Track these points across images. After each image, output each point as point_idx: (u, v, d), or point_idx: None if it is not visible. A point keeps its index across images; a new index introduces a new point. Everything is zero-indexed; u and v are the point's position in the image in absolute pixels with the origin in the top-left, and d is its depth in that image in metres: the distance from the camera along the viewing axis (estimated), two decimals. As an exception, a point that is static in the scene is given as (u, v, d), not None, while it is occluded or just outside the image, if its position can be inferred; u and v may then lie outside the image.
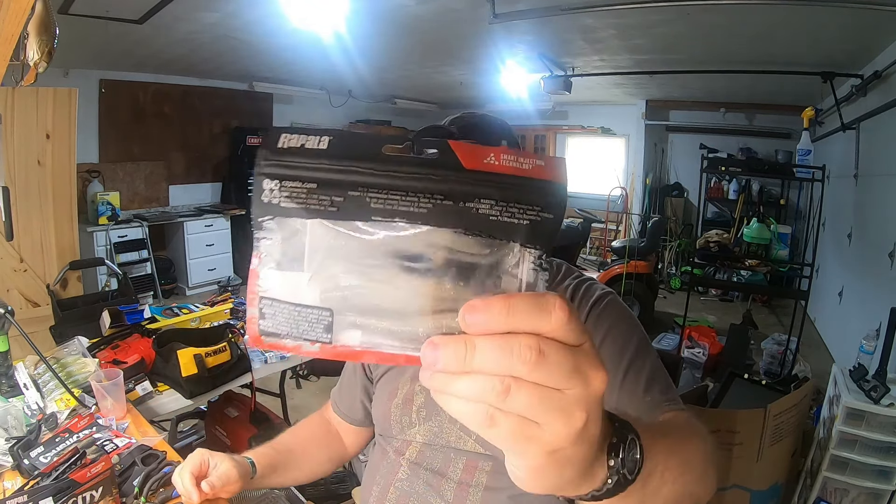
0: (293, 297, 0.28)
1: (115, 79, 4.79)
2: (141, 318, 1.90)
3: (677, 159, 6.54)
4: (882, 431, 1.94)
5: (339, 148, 0.28)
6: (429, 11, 3.02)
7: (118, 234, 4.57)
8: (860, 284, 3.60)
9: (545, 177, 0.28)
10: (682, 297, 4.00)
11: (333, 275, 0.27)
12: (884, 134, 3.27)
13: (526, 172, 0.27)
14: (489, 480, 0.79)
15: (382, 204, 0.27)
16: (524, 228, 0.27)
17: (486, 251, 0.27)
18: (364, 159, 0.27)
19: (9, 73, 1.36)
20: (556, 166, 0.28)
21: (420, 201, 0.27)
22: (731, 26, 3.05)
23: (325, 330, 0.28)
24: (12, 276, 2.70)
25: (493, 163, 0.27)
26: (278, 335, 0.28)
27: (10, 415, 1.17)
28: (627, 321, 0.78)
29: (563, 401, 0.26)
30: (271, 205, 0.27)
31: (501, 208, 0.27)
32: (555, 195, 0.28)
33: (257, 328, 0.28)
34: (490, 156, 0.27)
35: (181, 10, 3.02)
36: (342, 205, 0.27)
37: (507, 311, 0.25)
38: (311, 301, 0.27)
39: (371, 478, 0.91)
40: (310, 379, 3.41)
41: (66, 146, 2.84)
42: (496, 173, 0.27)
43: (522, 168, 0.27)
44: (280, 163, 0.27)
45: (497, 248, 0.27)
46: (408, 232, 0.27)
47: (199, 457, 0.89)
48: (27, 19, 1.15)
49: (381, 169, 0.27)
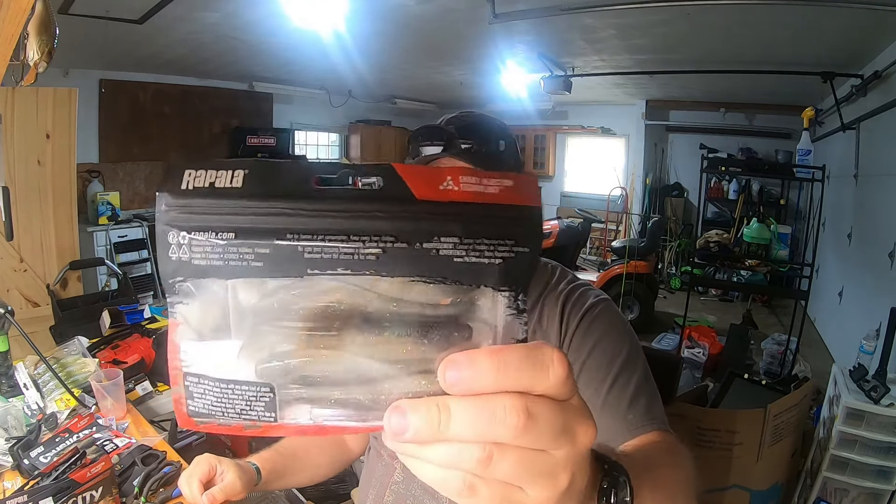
0: (223, 373, 0.23)
1: (115, 79, 4.79)
2: (141, 318, 1.91)
3: (677, 159, 6.54)
4: (882, 431, 1.94)
5: (257, 184, 0.22)
6: (429, 11, 3.02)
7: (118, 234, 4.57)
8: (860, 284, 3.60)
9: (515, 201, 0.23)
10: (682, 297, 4.00)
11: (268, 343, 0.23)
12: (884, 134, 3.27)
13: (492, 198, 0.23)
14: None
15: (319, 253, 0.22)
16: (496, 269, 0.23)
17: (452, 299, 0.23)
18: (291, 197, 0.22)
19: (9, 73, 1.36)
20: (526, 187, 0.24)
21: (365, 246, 0.22)
22: (731, 26, 3.05)
23: (267, 408, 0.23)
24: (12, 276, 2.70)
25: (452, 188, 0.23)
26: (212, 416, 0.24)
27: (10, 415, 1.17)
28: (619, 330, 0.76)
29: (549, 463, 0.24)
30: (182, 262, 0.23)
31: (467, 247, 0.23)
32: (529, 223, 0.24)
33: (186, 410, 0.24)
34: (447, 180, 0.23)
35: (181, 10, 3.02)
36: (269, 257, 0.22)
37: (497, 368, 0.22)
38: (244, 376, 0.23)
39: (367, 480, 0.91)
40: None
41: (66, 146, 2.84)
42: (456, 202, 0.23)
43: (487, 192, 0.23)
44: (186, 208, 0.22)
45: (464, 294, 0.23)
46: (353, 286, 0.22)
47: (207, 463, 0.89)
48: (27, 19, 1.15)
49: (314, 208, 0.22)
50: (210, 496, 0.84)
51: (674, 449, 0.62)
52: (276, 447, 1.02)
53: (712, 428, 1.94)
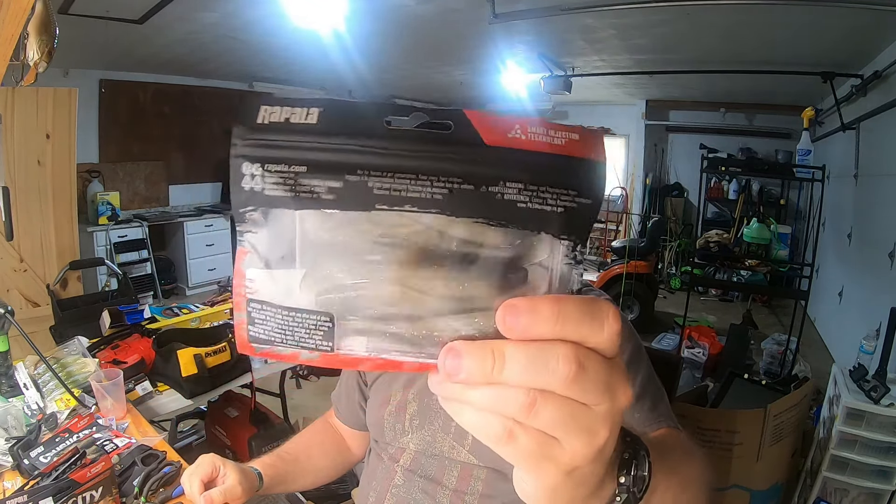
0: (286, 300, 0.24)
1: (115, 79, 4.78)
2: (141, 318, 1.90)
3: (677, 159, 6.54)
4: (882, 431, 1.94)
5: (331, 122, 0.23)
6: (429, 11, 3.02)
7: (118, 234, 4.57)
8: (860, 284, 3.60)
9: (581, 154, 0.24)
10: (682, 297, 4.00)
11: (331, 274, 0.24)
12: (884, 134, 3.27)
13: (558, 149, 0.23)
14: (485, 488, 0.79)
15: (388, 190, 0.23)
16: (558, 217, 0.23)
17: (513, 243, 0.23)
18: (364, 135, 0.23)
19: (9, 73, 1.36)
20: (592, 141, 0.24)
21: (433, 186, 0.23)
22: (731, 26, 3.05)
23: (325, 337, 0.24)
24: (12, 276, 2.70)
25: (520, 137, 0.23)
26: (271, 342, 0.25)
27: (10, 415, 1.17)
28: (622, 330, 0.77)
29: (590, 417, 0.24)
30: (254, 193, 0.23)
31: (531, 193, 0.23)
32: (593, 176, 0.24)
33: (247, 335, 0.25)
34: (515, 128, 0.23)
35: (181, 10, 3.02)
36: (339, 192, 0.23)
37: (556, 316, 0.22)
38: (306, 304, 0.24)
39: (368, 483, 0.91)
40: (310, 379, 3.41)
41: (66, 146, 2.84)
42: (524, 150, 0.23)
43: (554, 143, 0.23)
44: (261, 142, 0.23)
45: (524, 239, 0.24)
46: (418, 223, 0.23)
47: (210, 464, 0.88)
48: (27, 19, 1.15)
49: (386, 147, 0.23)
50: (208, 497, 0.84)
51: (685, 444, 0.62)
52: (279, 452, 1.02)
53: (712, 428, 1.94)
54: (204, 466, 0.88)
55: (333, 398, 1.09)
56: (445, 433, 0.81)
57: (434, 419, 0.83)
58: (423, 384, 0.86)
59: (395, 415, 0.86)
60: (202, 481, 0.86)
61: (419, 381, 0.86)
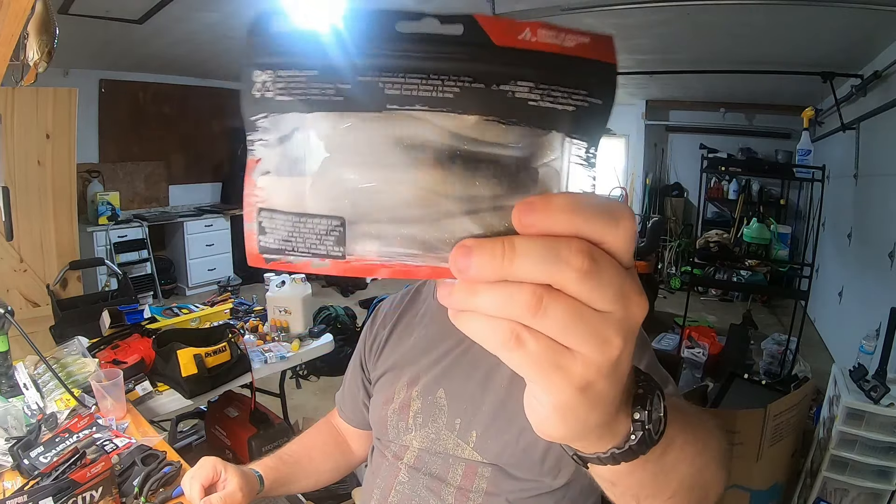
0: (296, 207, 0.24)
1: (115, 79, 4.79)
2: (141, 318, 1.90)
3: (677, 159, 6.54)
4: (882, 431, 1.94)
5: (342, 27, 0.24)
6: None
7: (118, 234, 4.57)
8: (860, 284, 3.60)
9: (592, 56, 0.24)
10: (682, 297, 4.00)
11: (342, 177, 0.23)
12: (884, 134, 3.27)
13: (569, 51, 0.23)
14: (489, 486, 0.78)
15: (399, 89, 0.23)
16: (569, 116, 0.23)
17: (524, 142, 0.23)
18: (374, 38, 0.23)
19: (9, 73, 1.36)
20: (603, 44, 0.24)
21: (444, 85, 0.23)
22: (731, 26, 3.05)
23: (337, 242, 0.24)
24: (12, 276, 2.70)
25: (530, 39, 0.23)
26: (282, 251, 0.24)
27: (10, 415, 1.17)
28: None
29: (602, 324, 0.23)
30: (264, 100, 0.24)
31: (542, 92, 0.23)
32: (604, 77, 0.24)
33: (257, 245, 0.24)
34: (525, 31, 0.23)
35: (181, 10, 3.02)
36: (349, 93, 0.23)
37: (572, 212, 0.22)
38: (317, 209, 0.24)
39: (371, 481, 0.91)
40: (310, 379, 3.41)
41: (66, 146, 2.84)
42: (534, 51, 0.23)
43: (565, 46, 0.23)
44: (271, 48, 0.24)
45: (535, 138, 0.23)
46: (429, 122, 0.23)
47: (211, 467, 0.88)
48: (27, 19, 1.15)
49: (396, 49, 0.23)
50: (208, 502, 0.84)
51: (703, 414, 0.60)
52: (280, 453, 1.02)
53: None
54: (205, 470, 0.88)
55: (337, 398, 1.09)
56: (450, 431, 0.81)
57: (438, 417, 0.83)
58: (426, 382, 0.86)
59: (398, 412, 0.86)
60: (203, 486, 0.86)
61: (423, 379, 0.86)
